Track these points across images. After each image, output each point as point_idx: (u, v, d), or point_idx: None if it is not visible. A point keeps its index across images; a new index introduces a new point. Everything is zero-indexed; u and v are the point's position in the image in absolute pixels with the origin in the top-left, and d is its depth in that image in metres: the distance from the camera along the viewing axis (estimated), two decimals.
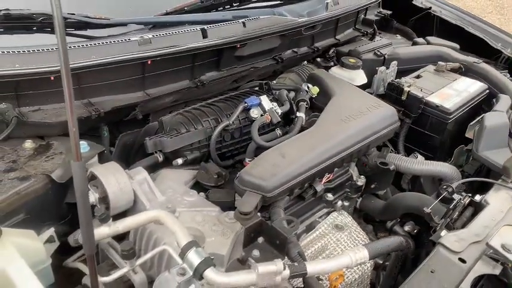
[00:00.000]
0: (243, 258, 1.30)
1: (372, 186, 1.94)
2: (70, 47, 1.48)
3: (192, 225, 1.35)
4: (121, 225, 1.23)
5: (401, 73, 2.37)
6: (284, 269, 1.14)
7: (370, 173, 1.91)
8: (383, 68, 2.31)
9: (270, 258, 1.31)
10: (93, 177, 1.40)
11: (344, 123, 1.74)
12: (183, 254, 1.10)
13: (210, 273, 1.07)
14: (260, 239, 1.38)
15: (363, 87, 2.21)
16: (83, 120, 1.51)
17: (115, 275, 1.20)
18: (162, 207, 1.37)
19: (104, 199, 1.38)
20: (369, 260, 1.31)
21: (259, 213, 1.42)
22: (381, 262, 1.81)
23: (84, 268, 1.36)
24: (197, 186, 1.63)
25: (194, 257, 1.09)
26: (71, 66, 1.43)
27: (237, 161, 1.82)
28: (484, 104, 2.28)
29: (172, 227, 1.18)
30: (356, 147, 1.71)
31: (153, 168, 1.64)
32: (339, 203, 1.81)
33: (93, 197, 1.38)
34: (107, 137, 1.71)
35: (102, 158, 1.53)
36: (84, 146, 1.46)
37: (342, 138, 1.68)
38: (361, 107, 1.83)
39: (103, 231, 1.22)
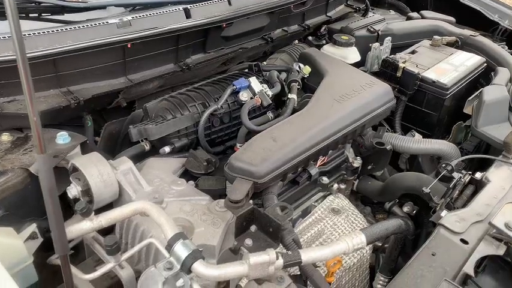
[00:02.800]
0: (235, 248, 1.24)
1: (369, 167, 1.88)
2: (44, 32, 1.41)
3: (180, 215, 1.29)
4: (104, 219, 1.16)
5: (395, 49, 2.31)
6: (277, 258, 1.08)
7: (366, 154, 1.85)
8: (377, 44, 2.25)
9: (263, 246, 1.25)
10: (75, 169, 1.34)
11: (338, 103, 1.67)
12: (169, 247, 1.04)
13: (198, 266, 1.01)
14: (253, 227, 1.31)
15: (357, 65, 2.14)
16: (62, 109, 1.44)
17: (100, 271, 1.14)
18: (149, 198, 1.31)
19: (87, 192, 1.31)
20: (367, 245, 1.26)
21: (251, 201, 1.36)
22: (380, 245, 1.76)
23: None
24: (186, 174, 1.56)
25: (181, 250, 1.02)
26: (46, 52, 1.38)
27: (227, 146, 1.75)
28: (482, 78, 2.21)
29: (158, 219, 1.11)
30: (351, 128, 1.64)
31: (140, 158, 1.58)
32: (335, 185, 1.76)
33: (76, 190, 1.32)
34: (90, 127, 1.65)
35: (85, 149, 1.46)
36: (64, 136, 1.40)
37: (336, 119, 1.61)
38: (354, 86, 1.76)
39: (85, 226, 1.15)
